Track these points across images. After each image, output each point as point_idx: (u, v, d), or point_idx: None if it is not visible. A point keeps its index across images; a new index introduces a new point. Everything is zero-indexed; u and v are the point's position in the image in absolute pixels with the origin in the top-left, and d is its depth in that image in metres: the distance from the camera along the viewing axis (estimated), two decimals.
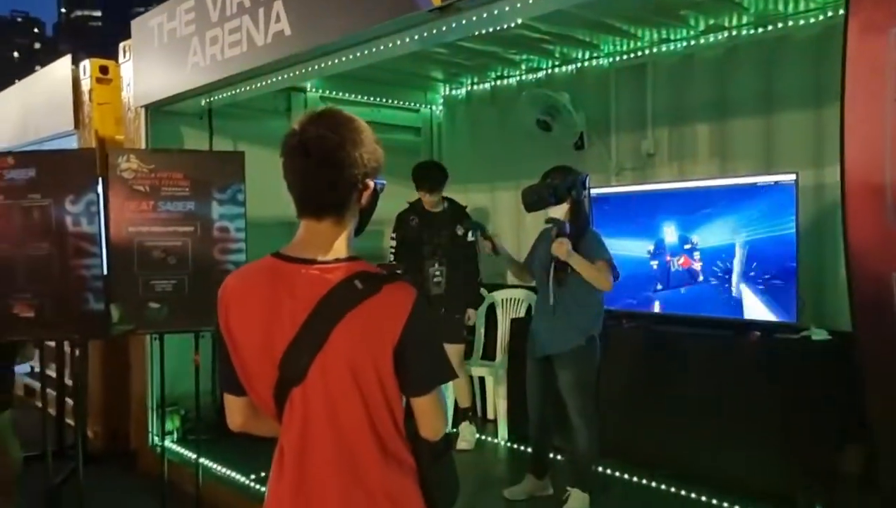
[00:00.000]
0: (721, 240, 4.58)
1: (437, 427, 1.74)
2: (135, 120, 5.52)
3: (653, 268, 4.88)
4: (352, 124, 1.71)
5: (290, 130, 1.70)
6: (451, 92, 6.99)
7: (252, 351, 1.68)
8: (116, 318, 4.07)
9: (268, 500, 1.75)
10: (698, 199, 4.75)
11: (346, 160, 1.65)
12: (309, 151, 1.64)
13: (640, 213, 5.01)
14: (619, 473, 4.55)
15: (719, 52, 5.06)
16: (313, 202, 1.69)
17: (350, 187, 1.68)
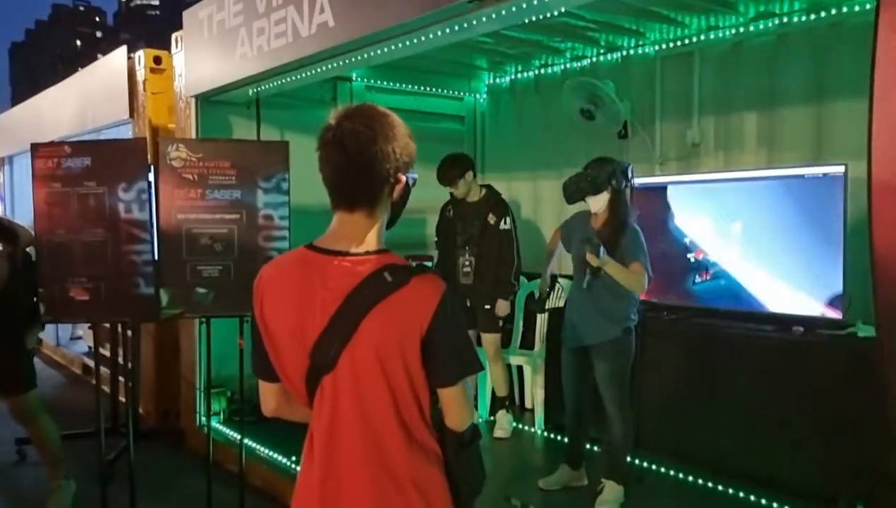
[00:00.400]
0: (767, 232, 4.52)
1: (462, 418, 1.78)
2: (185, 109, 5.65)
3: (696, 260, 4.83)
4: (386, 119, 1.74)
5: (326, 124, 1.74)
6: (495, 80, 7.00)
7: (285, 339, 1.74)
8: (165, 302, 4.19)
9: (298, 484, 1.82)
10: (744, 190, 4.69)
11: (379, 154, 1.69)
12: (343, 145, 1.68)
13: (684, 204, 4.96)
14: (654, 466, 4.54)
15: (769, 39, 4.96)
16: (346, 195, 1.74)
17: (382, 181, 1.73)
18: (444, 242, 5.39)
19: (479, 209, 5.21)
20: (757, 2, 4.77)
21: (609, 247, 3.89)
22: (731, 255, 4.67)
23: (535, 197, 6.52)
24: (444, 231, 5.40)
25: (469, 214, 5.23)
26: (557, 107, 6.01)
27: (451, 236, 5.32)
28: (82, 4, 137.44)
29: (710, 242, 4.78)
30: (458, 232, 5.27)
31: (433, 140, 6.91)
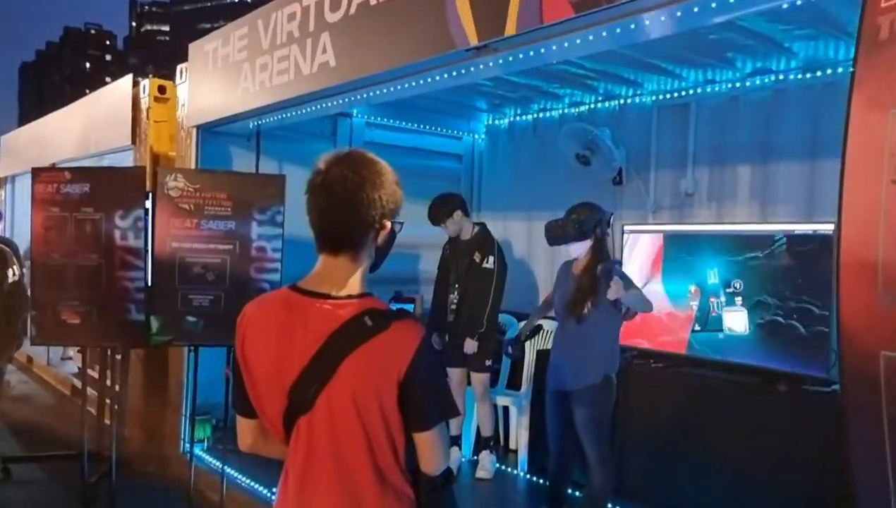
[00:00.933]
0: (755, 286, 4.54)
1: (437, 462, 1.79)
2: (186, 138, 5.73)
3: (685, 310, 4.86)
4: (374, 166, 1.79)
5: (315, 169, 1.78)
6: (494, 122, 7.09)
7: (264, 377, 1.77)
8: (155, 329, 4.23)
9: None
10: (735, 243, 4.73)
11: (366, 200, 1.73)
12: (331, 190, 1.73)
13: (675, 253, 5.00)
14: None
15: (765, 95, 5.04)
16: (332, 239, 1.78)
17: (367, 226, 1.77)
18: (440, 280, 5.43)
19: (469, 247, 5.25)
20: (754, 58, 4.85)
21: (588, 289, 3.93)
22: (721, 306, 4.69)
23: (529, 237, 6.56)
24: (442, 269, 5.44)
25: (461, 252, 5.27)
26: (554, 151, 6.08)
27: (445, 274, 5.37)
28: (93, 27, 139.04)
29: (701, 291, 4.81)
30: (451, 269, 5.32)
31: (431, 177, 6.99)
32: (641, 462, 4.58)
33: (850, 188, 1.47)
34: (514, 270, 5.46)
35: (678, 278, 4.91)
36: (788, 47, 4.56)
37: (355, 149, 1.88)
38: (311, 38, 4.31)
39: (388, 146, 6.77)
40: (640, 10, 2.86)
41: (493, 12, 3.21)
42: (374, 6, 3.89)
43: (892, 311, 1.36)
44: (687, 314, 4.83)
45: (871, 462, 1.45)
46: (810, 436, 3.99)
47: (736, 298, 4.60)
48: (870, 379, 1.41)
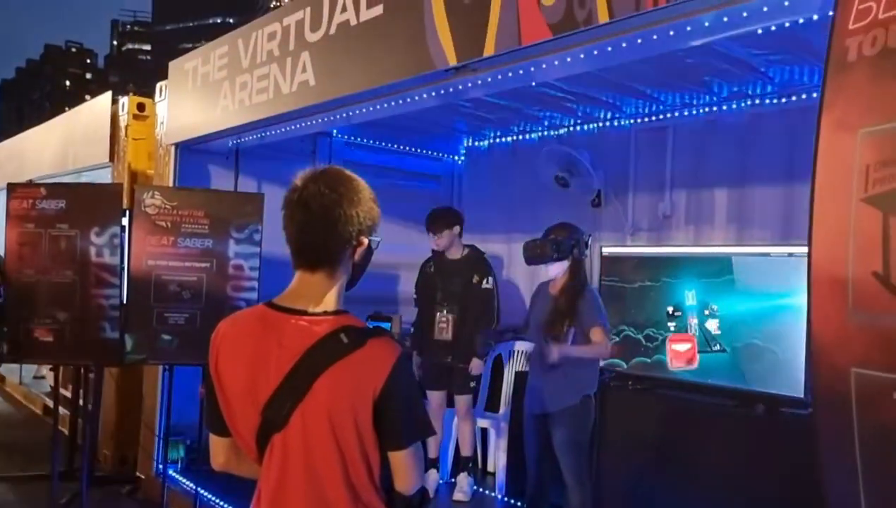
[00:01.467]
0: (732, 308, 4.56)
1: (412, 481, 1.78)
2: (165, 156, 5.70)
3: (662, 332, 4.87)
4: (351, 183, 1.79)
5: (292, 185, 1.78)
6: (474, 143, 7.12)
7: (237, 395, 1.75)
8: (130, 348, 4.19)
9: None
10: (712, 265, 4.75)
11: (343, 217, 1.73)
12: (308, 206, 1.73)
13: (653, 275, 5.02)
14: None
15: (742, 119, 5.10)
16: (308, 255, 1.77)
17: (344, 243, 1.77)
18: (423, 299, 5.40)
19: (461, 267, 5.25)
20: (730, 83, 4.91)
21: (565, 310, 3.94)
22: (699, 328, 4.71)
23: (509, 259, 6.58)
24: (423, 287, 5.41)
25: (450, 271, 5.26)
26: (533, 173, 6.11)
27: (430, 293, 5.33)
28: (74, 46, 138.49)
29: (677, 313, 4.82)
30: (437, 288, 5.29)
31: (410, 198, 7.01)
32: (619, 484, 4.57)
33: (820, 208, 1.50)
34: None
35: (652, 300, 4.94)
36: (764, 72, 4.62)
37: (332, 166, 1.88)
38: (291, 57, 4.33)
39: (368, 166, 6.76)
40: (617, 33, 2.89)
41: (471, 33, 3.24)
42: (355, 26, 3.90)
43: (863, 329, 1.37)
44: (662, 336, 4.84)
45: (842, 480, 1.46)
46: (788, 458, 4.00)
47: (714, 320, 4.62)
48: (841, 397, 1.42)
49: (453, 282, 5.20)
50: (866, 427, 1.38)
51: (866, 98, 1.43)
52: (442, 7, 3.38)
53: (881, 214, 1.35)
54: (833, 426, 1.47)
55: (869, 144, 1.41)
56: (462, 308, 5.17)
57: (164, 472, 4.42)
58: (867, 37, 1.41)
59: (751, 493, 4.07)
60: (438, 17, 3.40)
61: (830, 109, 1.50)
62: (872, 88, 1.42)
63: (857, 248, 1.39)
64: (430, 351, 5.18)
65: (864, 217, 1.39)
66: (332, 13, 4.05)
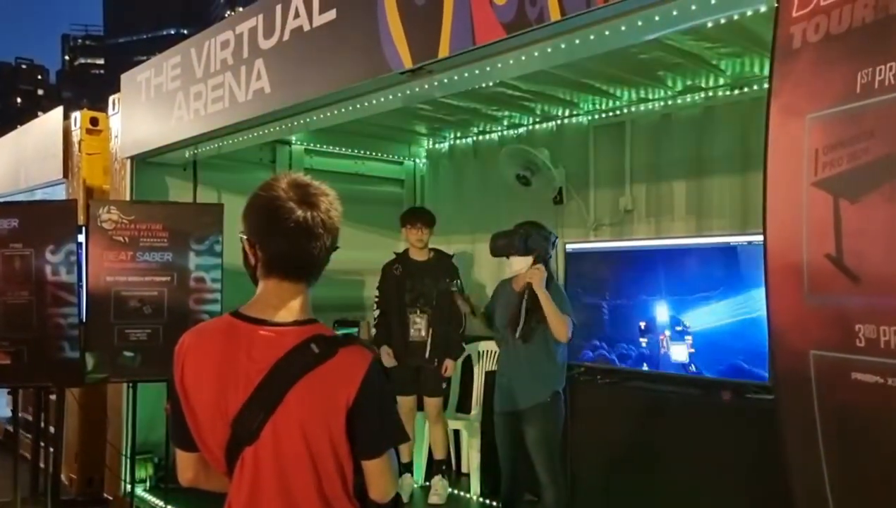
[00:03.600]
0: (696, 296, 4.61)
1: (386, 490, 1.77)
2: (121, 170, 5.61)
3: (628, 323, 4.91)
4: (325, 197, 1.76)
5: (257, 196, 1.75)
6: (435, 145, 7.12)
7: (205, 409, 1.71)
8: (91, 366, 4.11)
9: None
10: (675, 256, 4.81)
11: (319, 231, 1.71)
12: (284, 223, 1.68)
13: (617, 268, 5.06)
14: None
15: (696, 112, 5.17)
16: (283, 267, 1.74)
17: (328, 252, 1.77)
18: (391, 300, 5.35)
19: (430, 269, 5.24)
20: (684, 76, 4.98)
21: (533, 307, 3.95)
22: (666, 319, 4.75)
23: (473, 259, 6.58)
24: (390, 289, 5.37)
25: (419, 273, 5.25)
26: (495, 173, 6.12)
27: (399, 294, 5.30)
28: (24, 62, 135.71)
29: (644, 306, 4.86)
30: (406, 289, 5.27)
31: (372, 203, 6.99)
32: (592, 477, 4.58)
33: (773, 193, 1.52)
34: None
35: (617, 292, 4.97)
36: (716, 65, 4.69)
37: (296, 175, 1.82)
38: (245, 65, 4.28)
39: (329, 173, 6.73)
40: (570, 30, 2.91)
41: (425, 35, 3.23)
42: (308, 32, 3.88)
43: (819, 311, 1.39)
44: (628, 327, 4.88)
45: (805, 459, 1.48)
46: (754, 442, 4.05)
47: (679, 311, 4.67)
48: (801, 379, 1.44)
49: (424, 284, 5.20)
50: (826, 408, 1.40)
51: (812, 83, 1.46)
52: (395, 10, 3.37)
53: (832, 197, 1.38)
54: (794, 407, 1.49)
55: (816, 128, 1.43)
56: (433, 308, 5.17)
57: (131, 492, 4.33)
58: (811, 23, 1.44)
59: (721, 477, 4.12)
60: (392, 20, 3.39)
61: (778, 96, 1.53)
62: (817, 74, 1.45)
63: (810, 232, 1.41)
64: (406, 352, 5.16)
65: (816, 200, 1.41)
66: (284, 19, 4.01)
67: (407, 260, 5.33)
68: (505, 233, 4.08)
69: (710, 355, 4.50)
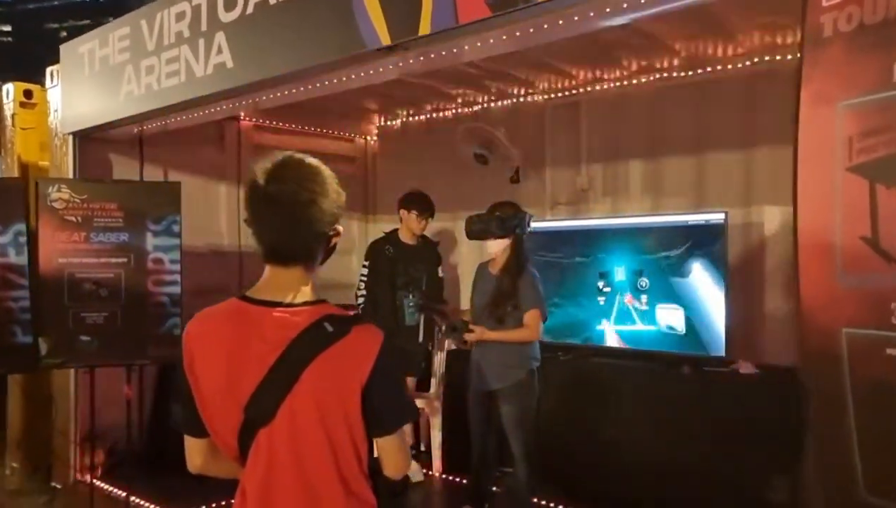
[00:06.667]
0: (651, 275, 4.72)
1: (400, 466, 1.78)
2: (62, 146, 5.35)
3: (591, 303, 4.99)
4: (318, 177, 1.74)
5: (253, 181, 1.71)
6: (386, 123, 7.03)
7: (217, 393, 1.69)
8: (45, 351, 3.93)
9: None
10: (632, 235, 4.90)
11: (316, 215, 1.69)
12: (280, 207, 1.67)
13: (574, 247, 5.12)
14: (556, 505, 4.59)
15: (651, 92, 5.24)
16: (283, 253, 1.72)
17: (320, 237, 1.73)
18: (382, 282, 5.23)
19: (421, 254, 5.21)
20: (639, 56, 5.03)
21: (509, 290, 3.97)
22: (625, 296, 4.84)
23: None
24: (383, 270, 5.24)
25: (410, 257, 5.17)
26: (450, 151, 6.09)
27: (390, 277, 5.21)
28: None
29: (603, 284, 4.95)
30: (399, 273, 5.20)
31: None
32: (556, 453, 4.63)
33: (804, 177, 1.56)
34: None
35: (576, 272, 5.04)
36: (671, 45, 4.76)
37: (290, 156, 1.79)
38: (203, 38, 4.13)
39: (279, 150, 6.56)
40: (557, 9, 2.89)
41: (405, 12, 3.17)
42: (274, 6, 3.76)
43: (853, 291, 1.44)
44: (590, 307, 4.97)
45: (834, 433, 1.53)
46: (712, 411, 4.20)
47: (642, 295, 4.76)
48: (831, 356, 1.49)
49: (417, 268, 5.16)
50: (859, 384, 1.45)
51: (844, 72, 1.50)
52: None
53: (867, 182, 1.42)
54: (824, 383, 1.55)
55: (849, 116, 1.47)
56: (422, 293, 5.12)
57: (90, 479, 4.19)
58: (842, 13, 1.47)
59: (683, 447, 4.24)
60: None
61: (808, 83, 1.57)
62: (849, 63, 1.49)
63: (844, 215, 1.46)
64: (397, 335, 5.08)
65: (850, 185, 1.46)
66: None
67: (398, 242, 5.26)
68: (480, 216, 4.08)
69: (668, 332, 4.63)
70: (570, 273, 5.08)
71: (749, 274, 4.66)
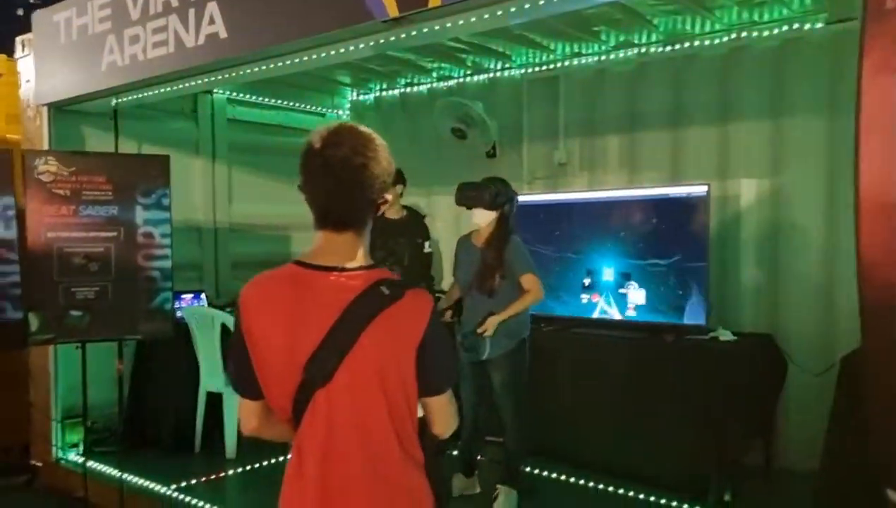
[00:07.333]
0: (636, 247, 4.84)
1: (450, 424, 1.85)
2: (35, 119, 5.20)
3: (570, 275, 5.10)
4: (372, 144, 1.77)
5: (308, 148, 1.74)
6: (359, 97, 7.01)
7: (276, 355, 1.72)
8: (35, 327, 3.86)
9: (286, 499, 1.79)
10: (612, 208, 5.01)
11: (369, 179, 1.73)
12: (335, 173, 1.70)
13: (553, 222, 5.22)
14: (545, 472, 4.70)
15: (630, 67, 5.35)
16: (337, 218, 1.76)
17: (373, 203, 1.78)
18: None
19: (403, 228, 5.15)
20: (618, 32, 5.12)
21: (495, 263, 4.03)
22: (607, 269, 4.96)
23: None
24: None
25: (391, 231, 5.10)
26: (426, 126, 6.11)
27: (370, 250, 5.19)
28: None
29: (585, 256, 5.06)
30: (377, 247, 5.19)
31: (295, 154, 6.76)
32: (544, 422, 4.74)
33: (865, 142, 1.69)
34: None
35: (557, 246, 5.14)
36: (650, 20, 4.85)
37: (343, 123, 1.84)
38: (194, 7, 4.06)
39: (252, 123, 6.51)
40: None
41: None
42: None
43: None
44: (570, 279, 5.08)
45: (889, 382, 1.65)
46: (695, 381, 4.35)
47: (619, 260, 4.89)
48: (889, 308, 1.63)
49: (398, 243, 5.11)
50: None
51: None
52: None
53: None
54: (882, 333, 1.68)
55: None
56: (404, 268, 5.12)
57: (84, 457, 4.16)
58: None
59: (669, 411, 4.39)
60: None
61: (870, 54, 1.68)
62: None
63: None
64: None
65: None
66: None
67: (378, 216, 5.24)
68: (473, 184, 4.11)
69: (650, 301, 4.77)
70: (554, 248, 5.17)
71: (724, 244, 4.83)
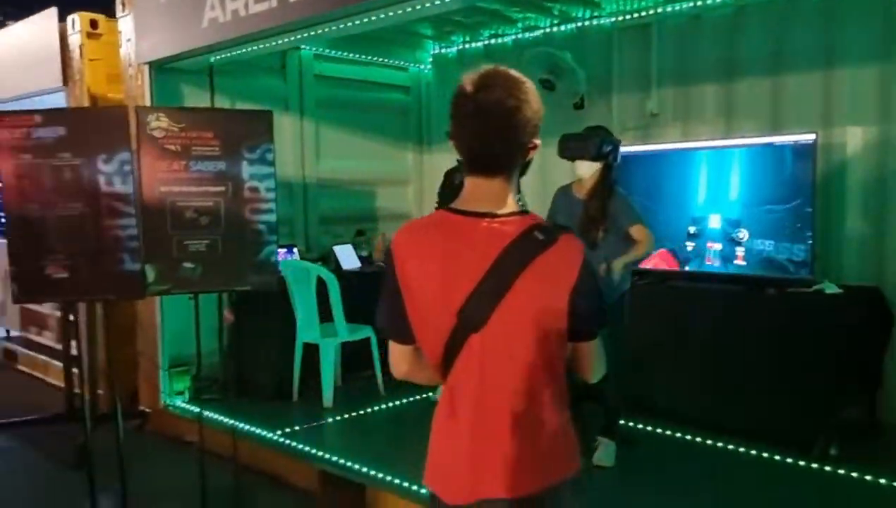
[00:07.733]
0: (736, 198, 4.75)
1: (599, 369, 1.87)
2: (136, 77, 5.34)
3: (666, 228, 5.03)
4: (523, 86, 1.76)
5: (461, 92, 1.74)
6: (441, 50, 6.97)
7: (429, 301, 1.75)
8: (152, 279, 4.00)
9: (439, 439, 1.85)
10: (711, 159, 4.91)
11: (521, 122, 1.71)
12: (487, 116, 1.69)
13: (649, 173, 5.14)
14: (642, 426, 4.72)
15: (727, 12, 5.19)
16: (488, 162, 1.76)
17: (523, 147, 1.76)
18: None
19: None
20: None
21: (598, 215, 4.00)
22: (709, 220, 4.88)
23: None
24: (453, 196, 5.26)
25: None
26: None
27: None
28: None
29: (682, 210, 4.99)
30: None
31: (379, 110, 6.87)
32: (643, 376, 4.75)
33: None
34: None
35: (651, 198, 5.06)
36: None
37: (495, 67, 1.82)
38: None
39: (338, 79, 6.55)
40: None
41: None
42: None
43: None
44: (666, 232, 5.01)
45: None
46: (798, 336, 4.28)
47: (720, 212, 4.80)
48: None
49: None
50: None
51: None
52: None
53: None
54: None
55: None
56: None
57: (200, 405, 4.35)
58: None
59: (772, 365, 4.34)
60: None
61: None
62: None
63: None
64: None
65: None
66: None
67: None
68: (577, 135, 4.08)
69: (753, 253, 4.69)
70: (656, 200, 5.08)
71: (829, 195, 4.70)
